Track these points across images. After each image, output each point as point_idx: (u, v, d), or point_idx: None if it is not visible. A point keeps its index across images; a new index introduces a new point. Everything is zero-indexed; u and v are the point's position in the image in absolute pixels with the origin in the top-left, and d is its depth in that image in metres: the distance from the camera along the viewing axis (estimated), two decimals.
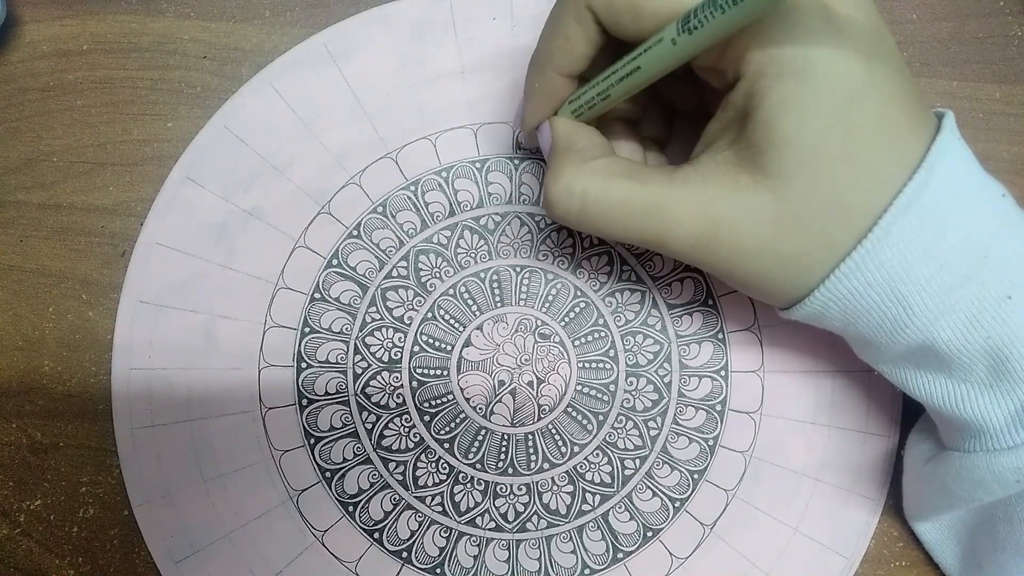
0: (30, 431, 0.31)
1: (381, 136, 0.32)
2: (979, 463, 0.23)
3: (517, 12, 0.32)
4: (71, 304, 0.32)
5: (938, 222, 0.21)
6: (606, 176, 0.24)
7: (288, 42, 0.33)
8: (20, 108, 0.33)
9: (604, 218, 0.24)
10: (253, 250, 0.31)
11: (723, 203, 0.22)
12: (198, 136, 0.32)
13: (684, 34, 0.21)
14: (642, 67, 0.23)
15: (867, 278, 0.22)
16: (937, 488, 0.26)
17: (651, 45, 0.22)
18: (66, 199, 0.32)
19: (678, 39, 0.21)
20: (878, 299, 0.22)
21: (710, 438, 0.31)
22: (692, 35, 0.21)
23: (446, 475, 0.31)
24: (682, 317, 0.31)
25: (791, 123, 0.21)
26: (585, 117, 0.26)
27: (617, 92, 0.24)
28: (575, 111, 0.26)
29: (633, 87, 0.24)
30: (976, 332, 0.22)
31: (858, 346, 0.25)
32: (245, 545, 0.30)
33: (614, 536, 0.30)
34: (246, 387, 0.31)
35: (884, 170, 0.21)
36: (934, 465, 0.26)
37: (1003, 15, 0.33)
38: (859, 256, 0.21)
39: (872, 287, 0.22)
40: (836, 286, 0.22)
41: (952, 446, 0.25)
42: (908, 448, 0.29)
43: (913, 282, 0.21)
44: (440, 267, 0.31)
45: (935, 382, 0.24)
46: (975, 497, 0.24)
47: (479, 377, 0.31)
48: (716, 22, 0.20)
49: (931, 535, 0.29)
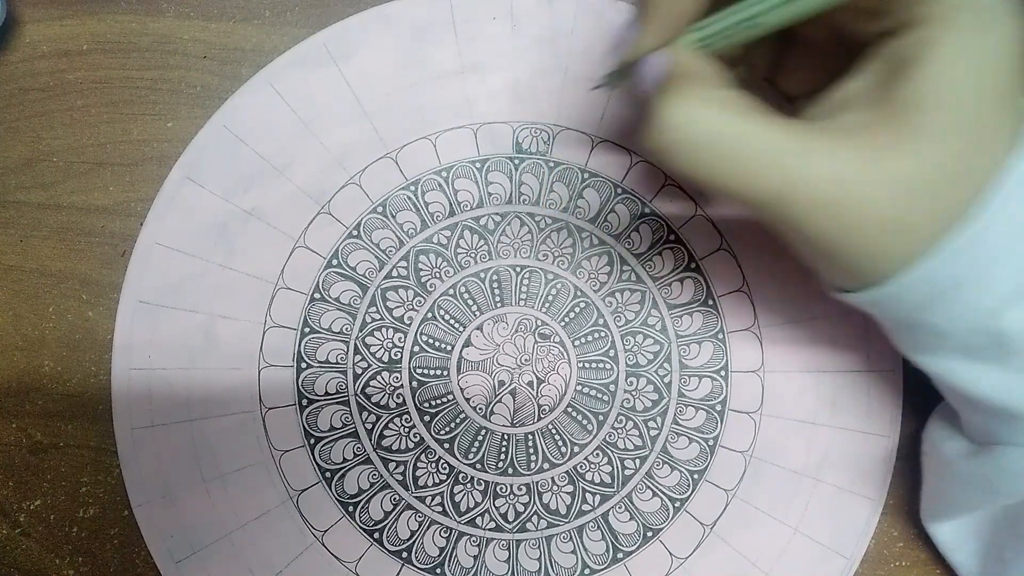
0: (30, 431, 0.31)
1: (381, 136, 0.32)
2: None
3: (517, 12, 0.32)
4: (71, 304, 0.32)
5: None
6: (735, 110, 0.20)
7: (288, 42, 0.33)
8: (20, 108, 0.33)
9: (724, 159, 0.20)
10: (253, 250, 0.31)
11: (857, 163, 0.20)
12: (198, 136, 0.32)
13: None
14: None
15: (975, 254, 0.20)
16: (977, 485, 0.25)
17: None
18: (66, 199, 0.32)
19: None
20: (971, 277, 0.21)
21: (710, 438, 0.31)
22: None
23: (446, 475, 0.31)
24: (682, 317, 0.31)
25: (965, 80, 0.19)
26: (717, 48, 0.22)
27: (771, 19, 0.20)
28: (703, 39, 0.21)
29: (798, 14, 0.20)
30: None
31: (911, 334, 0.24)
32: (245, 545, 0.30)
33: (614, 536, 0.30)
34: (246, 387, 0.31)
35: (1017, 144, 0.20)
36: (977, 462, 0.25)
37: None
38: (972, 233, 0.20)
39: (973, 265, 0.21)
40: (945, 263, 0.21)
41: (995, 440, 0.24)
42: (932, 448, 0.28)
43: (1007, 259, 0.20)
44: (440, 267, 0.31)
45: (987, 373, 0.23)
46: (1021, 491, 0.24)
47: (479, 377, 0.31)
48: None
49: (949, 536, 0.28)
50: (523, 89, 0.32)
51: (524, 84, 0.32)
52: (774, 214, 0.21)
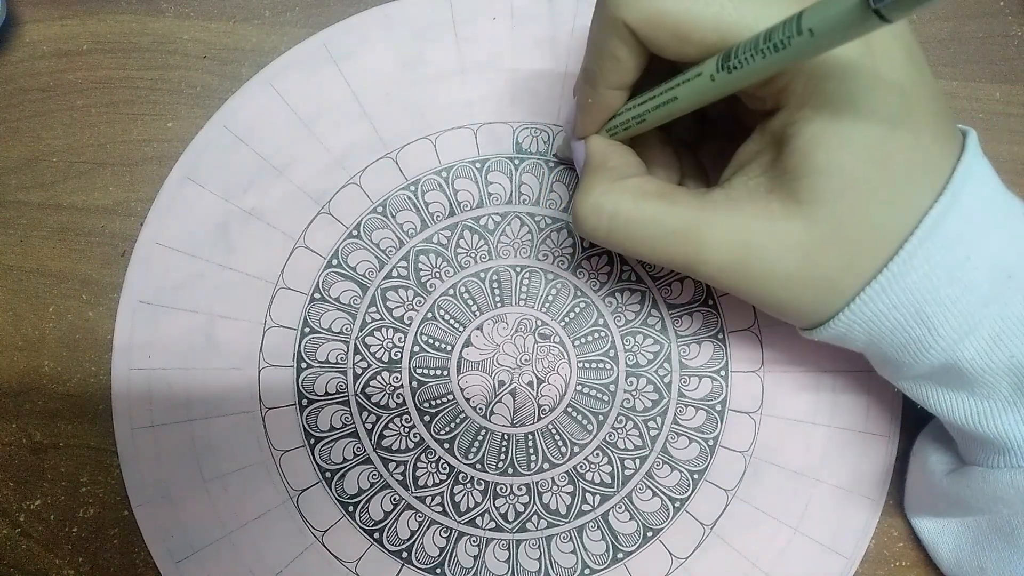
0: (30, 431, 0.31)
1: (381, 136, 0.32)
2: (1002, 479, 0.24)
3: (517, 12, 0.32)
4: (71, 304, 0.32)
5: (963, 244, 0.21)
6: (637, 196, 0.24)
7: (288, 42, 0.33)
8: (20, 108, 0.33)
9: (633, 238, 0.24)
10: (253, 250, 0.31)
11: (754, 228, 0.22)
12: (198, 136, 0.32)
13: (723, 72, 0.20)
14: (679, 98, 0.22)
15: (892, 300, 0.22)
16: (954, 500, 0.26)
17: (690, 78, 0.22)
18: (66, 199, 0.32)
19: (717, 76, 0.21)
20: (903, 320, 0.22)
21: (710, 438, 0.31)
22: (731, 74, 0.20)
23: (446, 475, 0.31)
24: (682, 317, 0.31)
25: (828, 153, 0.21)
26: (620, 137, 0.26)
27: (653, 118, 0.24)
28: (610, 130, 0.26)
29: (669, 115, 0.23)
30: (1000, 351, 0.22)
31: (879, 364, 0.25)
32: (245, 545, 0.30)
33: (614, 536, 0.30)
34: (246, 387, 0.31)
35: (914, 196, 0.21)
36: (954, 479, 0.26)
37: (1003, 15, 0.33)
38: (885, 279, 0.21)
39: (897, 309, 0.22)
40: (862, 308, 0.22)
41: (973, 461, 0.25)
42: (919, 456, 0.29)
43: (938, 303, 0.21)
44: (440, 267, 0.31)
45: (957, 399, 0.24)
46: (995, 511, 0.25)
47: (479, 377, 0.31)
48: (756, 65, 0.19)
49: (931, 532, 0.29)
50: (523, 89, 0.32)
51: (524, 84, 0.32)
52: (689, 274, 0.24)
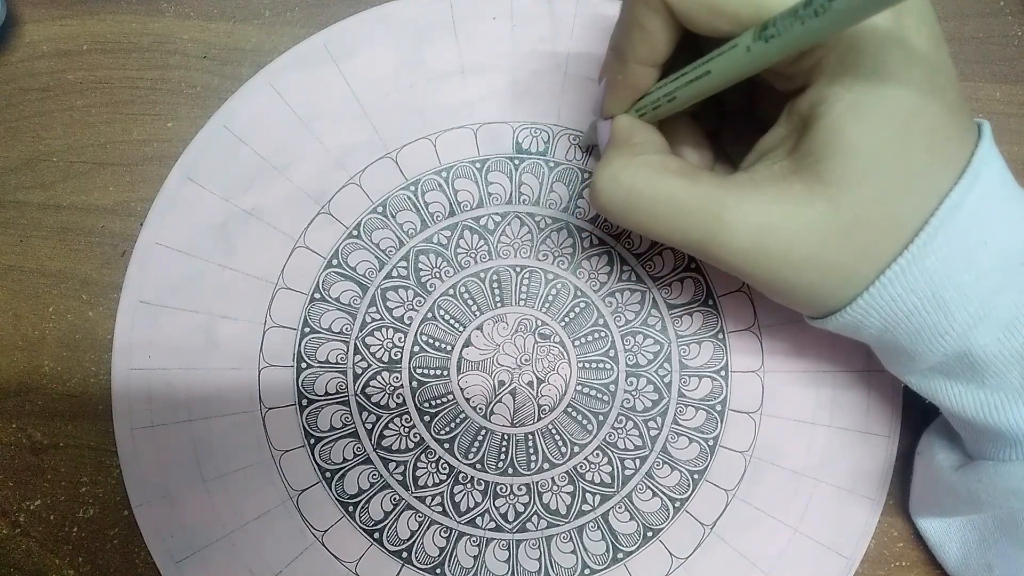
0: (30, 431, 0.31)
1: (381, 136, 0.32)
2: (1014, 472, 0.23)
3: (517, 12, 0.32)
4: (71, 304, 0.32)
5: (980, 228, 0.21)
6: (658, 171, 0.23)
7: (288, 42, 0.33)
8: (20, 108, 0.33)
9: (650, 214, 0.23)
10: (253, 250, 0.31)
11: (775, 211, 0.22)
12: (198, 136, 0.32)
13: (760, 42, 0.20)
14: (712, 72, 0.22)
15: (910, 284, 0.22)
16: (964, 496, 0.26)
17: (725, 51, 0.21)
18: (66, 199, 0.32)
19: (753, 47, 0.20)
20: (919, 305, 0.22)
21: (710, 438, 0.31)
22: (768, 44, 0.20)
23: (446, 475, 0.31)
24: (682, 317, 0.31)
25: (858, 131, 0.20)
26: (649, 117, 0.25)
27: (684, 95, 0.23)
28: (639, 110, 0.25)
29: (701, 92, 0.23)
30: (1013, 339, 0.22)
31: (891, 356, 0.25)
32: (245, 545, 0.30)
33: (614, 536, 0.30)
34: (246, 387, 0.31)
35: (935, 181, 0.21)
36: (963, 474, 0.26)
37: (1003, 15, 0.33)
38: (904, 262, 0.21)
39: (915, 293, 0.22)
40: (880, 292, 0.22)
41: (983, 456, 0.25)
42: (925, 455, 0.29)
43: (955, 288, 0.21)
44: (440, 267, 0.31)
45: (968, 392, 0.24)
46: (1006, 505, 0.24)
47: (479, 377, 0.31)
48: (794, 32, 0.19)
49: (937, 532, 0.29)
50: (523, 89, 0.32)
51: (524, 84, 0.32)
52: (704, 258, 0.24)
